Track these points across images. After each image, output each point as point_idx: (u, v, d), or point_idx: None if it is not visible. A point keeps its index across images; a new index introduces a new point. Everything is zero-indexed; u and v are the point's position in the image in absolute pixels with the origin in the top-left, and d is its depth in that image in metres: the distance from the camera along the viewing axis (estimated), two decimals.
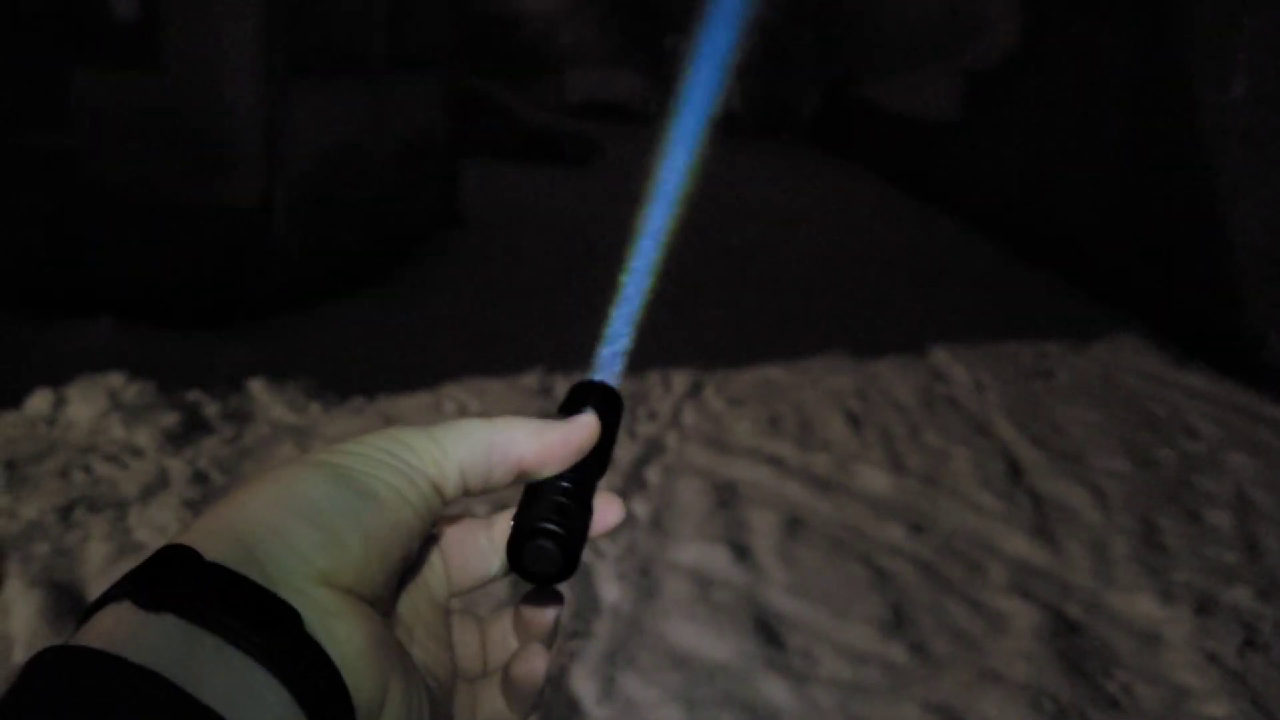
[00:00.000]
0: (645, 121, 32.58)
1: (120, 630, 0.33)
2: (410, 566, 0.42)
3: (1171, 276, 8.93)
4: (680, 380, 6.31)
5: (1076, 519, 4.59)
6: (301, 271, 7.39)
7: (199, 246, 6.80)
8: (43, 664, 0.32)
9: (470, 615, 0.47)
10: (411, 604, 0.43)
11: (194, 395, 5.12)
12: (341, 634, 0.35)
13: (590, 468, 0.43)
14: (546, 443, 0.42)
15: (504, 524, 0.45)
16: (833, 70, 30.38)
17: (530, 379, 6.11)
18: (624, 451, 4.97)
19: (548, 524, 0.41)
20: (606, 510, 0.44)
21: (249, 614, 0.34)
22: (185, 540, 0.36)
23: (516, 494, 0.45)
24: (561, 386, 5.97)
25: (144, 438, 4.55)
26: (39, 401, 4.85)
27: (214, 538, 0.36)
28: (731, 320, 8.19)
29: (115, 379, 5.01)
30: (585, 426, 0.43)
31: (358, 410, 5.39)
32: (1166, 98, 9.41)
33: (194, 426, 4.77)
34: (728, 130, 30.97)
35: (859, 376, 6.59)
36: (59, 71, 6.85)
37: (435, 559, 0.45)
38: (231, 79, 6.79)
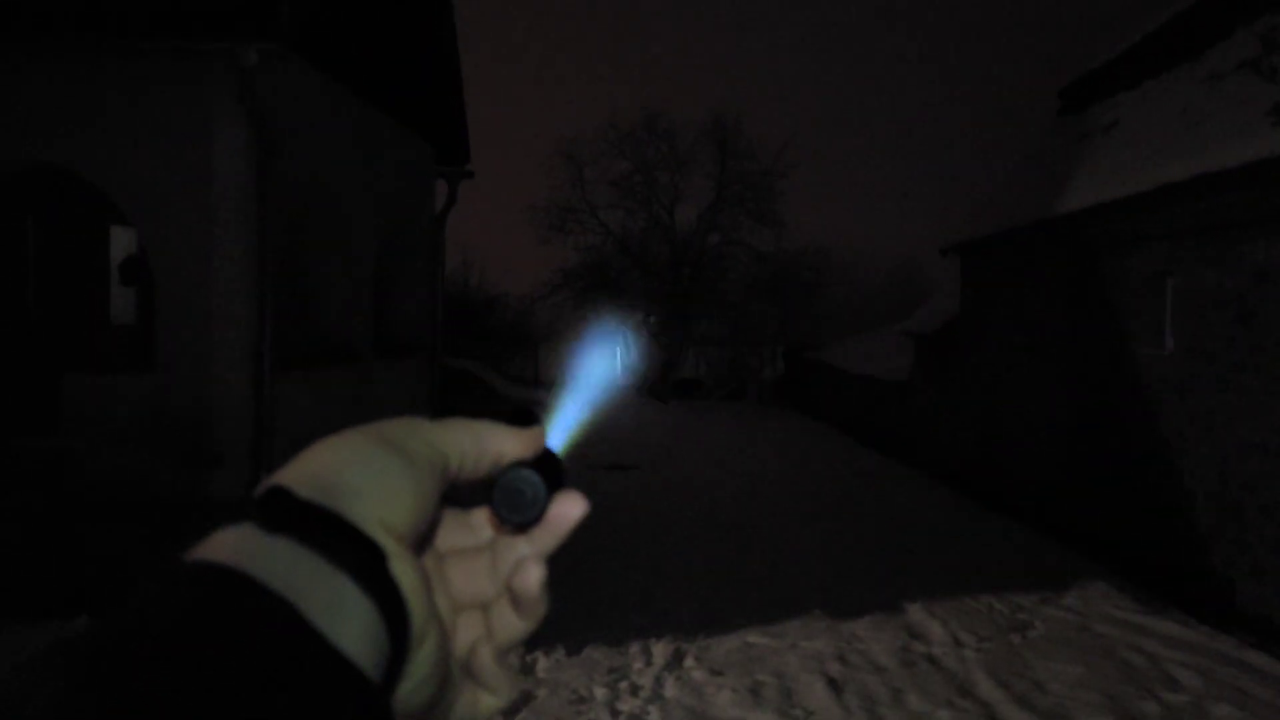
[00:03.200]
0: (616, 389, 33.73)
1: (244, 547, 0.39)
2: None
3: (1132, 524, 9.17)
4: (661, 650, 6.31)
5: None
6: None
7: (187, 539, 6.91)
8: (177, 574, 0.38)
9: (478, 548, 0.53)
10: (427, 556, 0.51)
11: None
12: (399, 573, 0.41)
13: (544, 470, 0.51)
14: (516, 436, 0.51)
15: (479, 511, 0.54)
16: (792, 336, 32.14)
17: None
18: None
19: (521, 466, 0.50)
20: (570, 501, 0.51)
21: (347, 543, 0.40)
22: (277, 482, 0.42)
23: None
24: (541, 663, 5.97)
25: None
26: None
27: (299, 483, 0.42)
28: (709, 579, 8.26)
29: None
30: (540, 431, 0.53)
31: None
32: (1104, 354, 10.08)
33: None
34: (694, 394, 32.07)
35: (837, 638, 6.62)
36: (54, 377, 7.23)
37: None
38: (221, 378, 7.20)
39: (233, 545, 0.39)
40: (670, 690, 5.67)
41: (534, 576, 0.49)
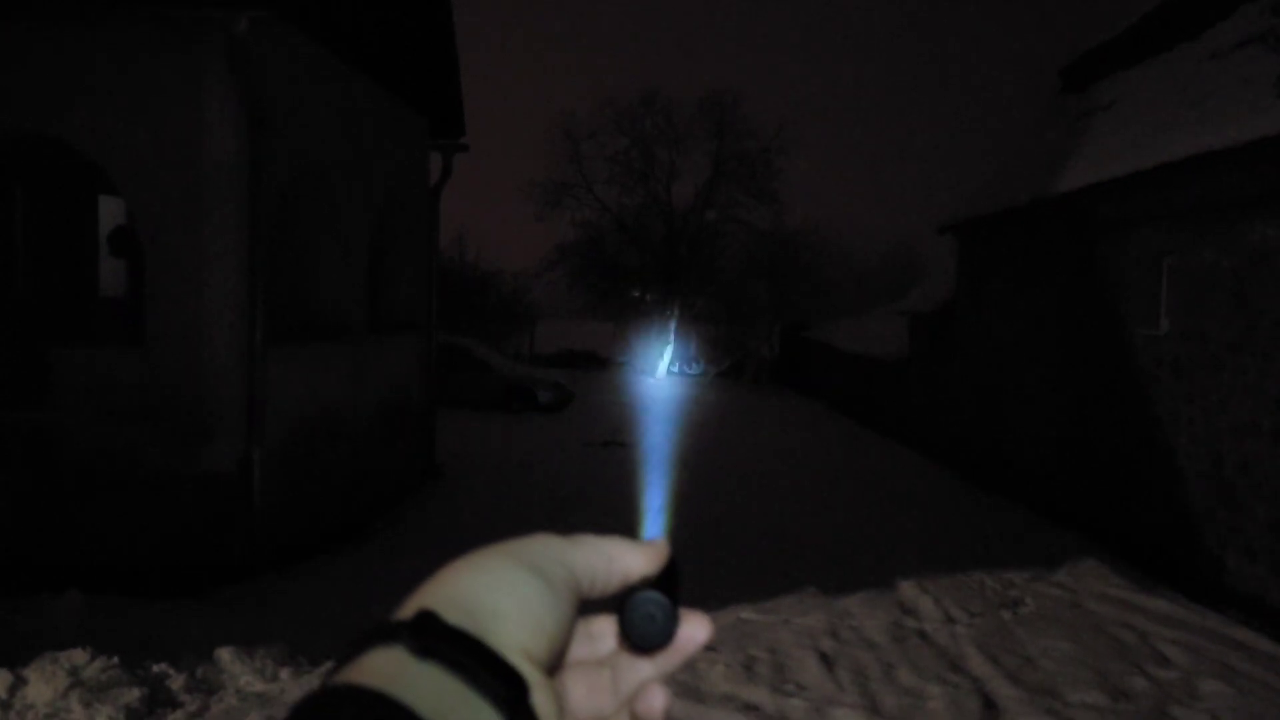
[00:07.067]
0: (613, 366, 33.70)
1: (394, 673, 0.40)
2: None
3: (1125, 503, 9.18)
4: None
5: None
6: (281, 534, 7.46)
7: (178, 514, 6.90)
8: (330, 698, 0.39)
9: (599, 663, 0.53)
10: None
11: (160, 668, 5.04)
12: (539, 704, 0.42)
13: (667, 584, 0.51)
14: (642, 553, 0.52)
15: (600, 620, 0.53)
16: (787, 315, 32.07)
17: None
18: None
19: (651, 590, 0.50)
20: (696, 624, 0.51)
21: (491, 672, 0.41)
22: (425, 605, 0.43)
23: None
24: None
25: (104, 717, 4.46)
26: None
27: (446, 607, 0.43)
28: (704, 557, 8.26)
29: (78, 655, 4.90)
30: (663, 546, 0.54)
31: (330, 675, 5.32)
32: (1100, 334, 10.05)
33: (158, 701, 4.68)
34: (693, 373, 32.02)
35: (830, 614, 6.62)
36: (42, 350, 7.17)
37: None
38: (212, 351, 7.14)
39: (384, 670, 0.40)
40: None
41: (659, 702, 0.50)
